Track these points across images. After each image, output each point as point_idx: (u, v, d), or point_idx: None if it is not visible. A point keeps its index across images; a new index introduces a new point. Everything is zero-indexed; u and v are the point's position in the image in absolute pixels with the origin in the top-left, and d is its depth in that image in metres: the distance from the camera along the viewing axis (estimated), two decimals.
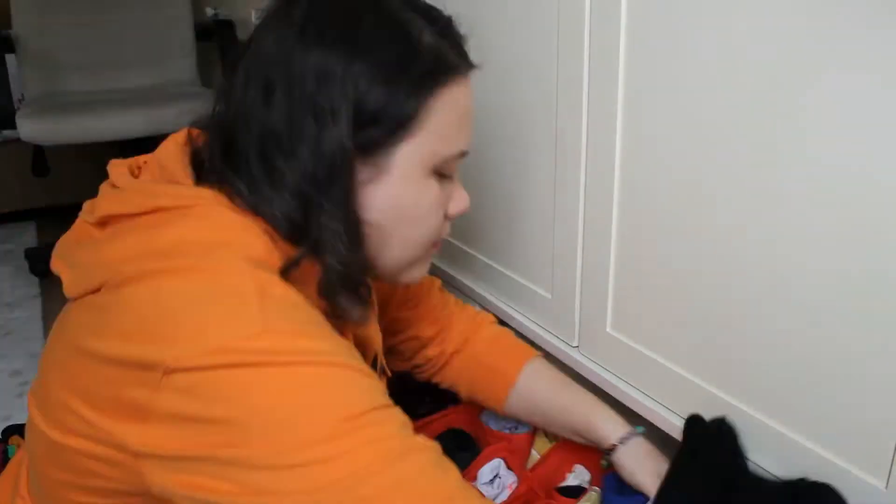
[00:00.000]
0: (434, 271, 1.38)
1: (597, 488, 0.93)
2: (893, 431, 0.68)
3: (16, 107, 2.17)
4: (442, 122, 0.68)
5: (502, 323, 1.25)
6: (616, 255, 0.96)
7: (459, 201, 0.76)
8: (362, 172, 0.66)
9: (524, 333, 1.17)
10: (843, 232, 0.69)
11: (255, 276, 0.59)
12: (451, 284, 1.34)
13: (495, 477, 1.00)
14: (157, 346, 0.56)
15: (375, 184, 0.67)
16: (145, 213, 0.64)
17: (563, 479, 1.01)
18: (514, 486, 0.97)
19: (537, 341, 1.14)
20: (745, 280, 0.79)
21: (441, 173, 0.71)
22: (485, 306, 1.27)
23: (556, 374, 1.01)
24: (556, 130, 1.01)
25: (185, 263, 0.60)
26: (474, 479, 0.99)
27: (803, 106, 0.70)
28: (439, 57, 0.67)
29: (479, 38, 1.15)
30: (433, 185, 0.70)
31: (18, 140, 2.08)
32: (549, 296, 1.10)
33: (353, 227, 0.66)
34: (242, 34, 2.15)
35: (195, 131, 0.71)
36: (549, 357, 1.18)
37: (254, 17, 2.00)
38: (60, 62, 2.35)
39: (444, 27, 0.70)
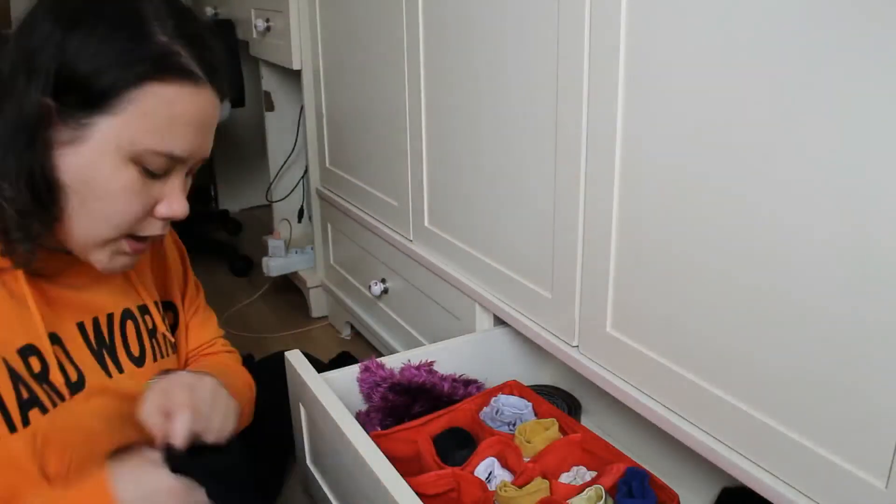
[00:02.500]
0: (436, 270, 1.38)
1: (600, 486, 0.93)
2: (893, 432, 0.68)
3: None
4: (149, 114, 0.70)
5: (502, 323, 1.25)
6: (616, 255, 0.96)
7: (172, 206, 0.76)
8: (62, 133, 0.70)
9: (524, 333, 1.18)
10: (843, 232, 0.69)
11: None
12: (451, 284, 1.34)
13: (490, 474, 1.00)
14: None
15: (72, 148, 0.70)
16: None
17: (558, 477, 1.01)
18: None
19: (537, 341, 1.14)
20: (745, 280, 0.80)
21: (146, 168, 0.73)
22: (485, 306, 1.27)
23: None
24: (557, 130, 1.02)
25: None
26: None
27: (805, 105, 0.70)
28: (165, 55, 0.71)
29: (480, 37, 1.16)
30: (130, 174, 0.72)
31: None
32: (549, 296, 1.10)
33: (41, 181, 0.69)
34: (242, 33, 2.15)
35: None
36: (550, 357, 1.19)
37: (253, 17, 2.00)
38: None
39: (191, 35, 0.73)
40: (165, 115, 0.71)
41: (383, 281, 1.64)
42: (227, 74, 0.78)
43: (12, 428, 0.72)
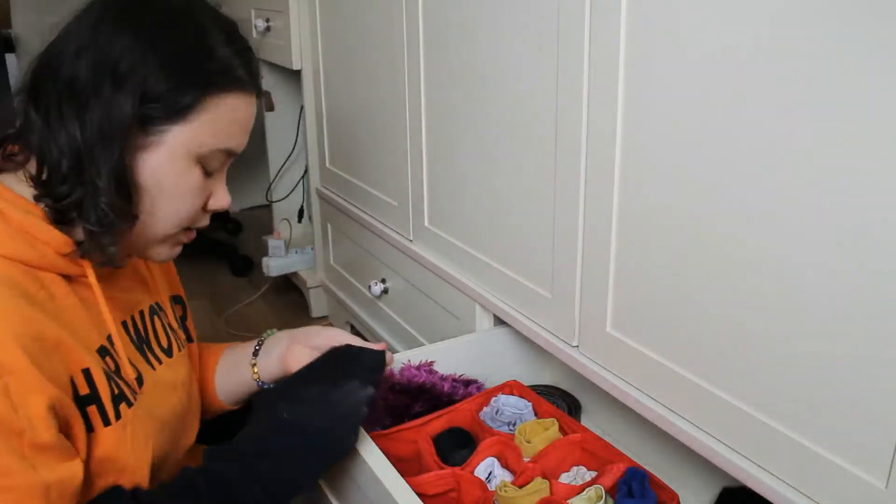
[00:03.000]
0: (436, 270, 1.38)
1: (600, 486, 0.93)
2: (893, 431, 0.68)
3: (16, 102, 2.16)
4: (216, 120, 0.79)
5: (502, 323, 1.25)
6: (616, 255, 0.96)
7: (220, 199, 0.86)
8: (140, 139, 0.76)
9: (524, 333, 1.18)
10: (845, 233, 0.69)
11: None
12: (451, 284, 1.34)
13: (490, 474, 1.00)
14: None
15: (147, 152, 0.76)
16: None
17: (557, 477, 1.01)
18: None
19: (538, 341, 1.14)
20: (744, 279, 0.80)
21: (205, 167, 0.81)
22: (485, 306, 1.27)
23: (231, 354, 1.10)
24: (557, 129, 1.02)
25: None
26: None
27: (807, 105, 0.70)
28: (227, 68, 0.79)
29: (480, 37, 1.16)
30: (196, 173, 0.80)
31: None
32: (549, 296, 1.10)
33: (122, 181, 0.75)
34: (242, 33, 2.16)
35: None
36: (550, 357, 1.19)
37: (253, 17, 2.00)
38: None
39: (241, 48, 0.83)
40: (229, 119, 0.80)
41: (383, 281, 1.64)
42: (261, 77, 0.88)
43: (107, 422, 0.77)
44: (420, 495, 0.84)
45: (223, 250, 2.53)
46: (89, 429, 0.75)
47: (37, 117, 0.75)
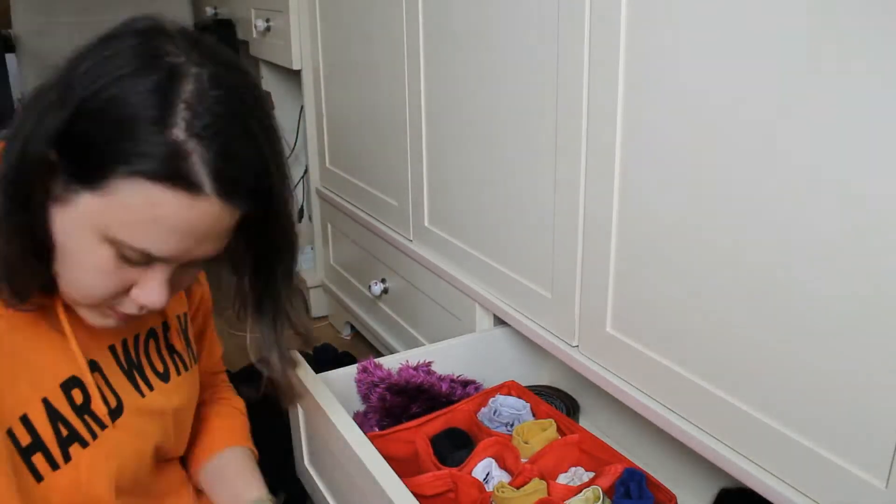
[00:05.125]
0: (436, 270, 1.38)
1: (598, 487, 0.93)
2: (893, 432, 0.68)
3: (16, 106, 2.17)
4: (129, 208, 0.63)
5: (502, 323, 1.25)
6: (616, 255, 0.96)
7: (146, 294, 0.70)
8: (56, 189, 0.65)
9: (524, 333, 1.17)
10: (846, 233, 0.69)
11: None
12: (451, 284, 1.34)
13: (487, 475, 1.00)
14: None
15: (60, 208, 0.66)
16: None
17: (555, 478, 1.01)
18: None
19: (537, 341, 1.14)
20: (744, 279, 0.79)
21: (123, 255, 0.67)
22: (485, 306, 1.27)
23: (241, 464, 0.97)
24: (556, 130, 1.01)
25: None
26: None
27: (808, 105, 0.70)
28: (170, 156, 0.62)
29: (480, 37, 1.16)
30: (104, 254, 0.66)
31: None
32: (549, 296, 1.10)
33: (35, 231, 0.66)
34: (242, 33, 2.15)
35: None
36: (549, 356, 1.18)
37: (253, 17, 2.00)
38: (60, 62, 2.35)
39: (219, 140, 0.64)
40: (147, 214, 0.64)
41: (383, 281, 1.63)
42: (267, 180, 0.69)
43: (54, 466, 0.73)
44: (417, 496, 0.84)
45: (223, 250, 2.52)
46: (38, 478, 0.72)
47: None
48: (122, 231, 0.65)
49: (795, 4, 0.69)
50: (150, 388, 0.85)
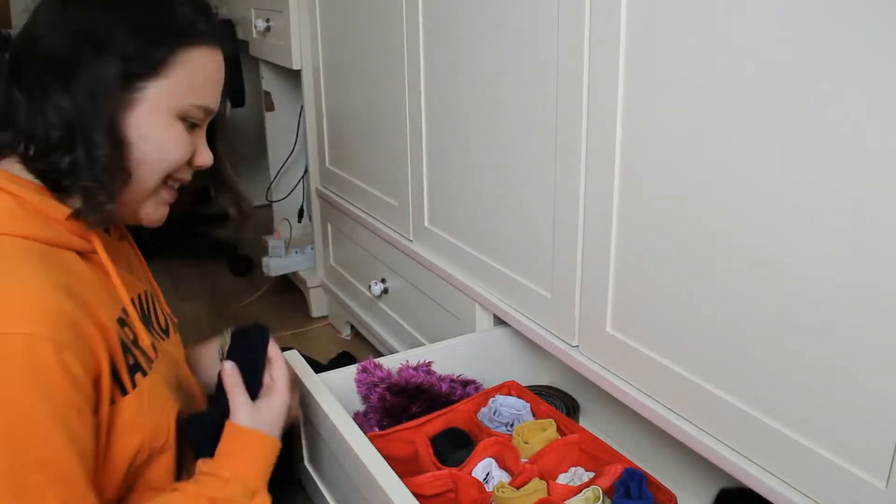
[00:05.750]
0: (436, 270, 1.38)
1: (598, 487, 0.93)
2: (893, 431, 0.68)
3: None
4: (188, 74, 0.83)
5: (502, 323, 1.25)
6: (616, 255, 0.96)
7: (202, 156, 0.89)
8: (123, 97, 0.80)
9: (524, 333, 1.17)
10: (846, 232, 0.69)
11: None
12: (451, 284, 1.34)
13: (487, 475, 1.00)
14: None
15: (132, 109, 0.81)
16: None
17: (555, 478, 1.01)
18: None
19: (537, 341, 1.14)
20: (744, 279, 0.79)
21: (190, 121, 0.85)
22: (485, 306, 1.26)
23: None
24: (556, 130, 1.01)
25: None
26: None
27: (807, 105, 0.70)
28: (191, 24, 0.84)
29: (480, 37, 1.16)
30: (178, 127, 0.84)
31: None
32: (549, 296, 1.10)
33: (115, 137, 0.79)
34: (242, 33, 2.15)
35: None
36: (549, 356, 1.18)
37: (253, 17, 2.00)
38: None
39: (200, 5, 0.86)
40: (201, 74, 0.85)
41: (383, 281, 1.63)
42: (226, 32, 0.90)
43: (124, 391, 0.80)
44: (417, 496, 0.84)
45: (223, 250, 2.52)
46: (111, 400, 0.78)
47: (21, 96, 0.78)
48: (189, 97, 0.84)
49: (795, 4, 0.69)
50: (161, 339, 0.95)
